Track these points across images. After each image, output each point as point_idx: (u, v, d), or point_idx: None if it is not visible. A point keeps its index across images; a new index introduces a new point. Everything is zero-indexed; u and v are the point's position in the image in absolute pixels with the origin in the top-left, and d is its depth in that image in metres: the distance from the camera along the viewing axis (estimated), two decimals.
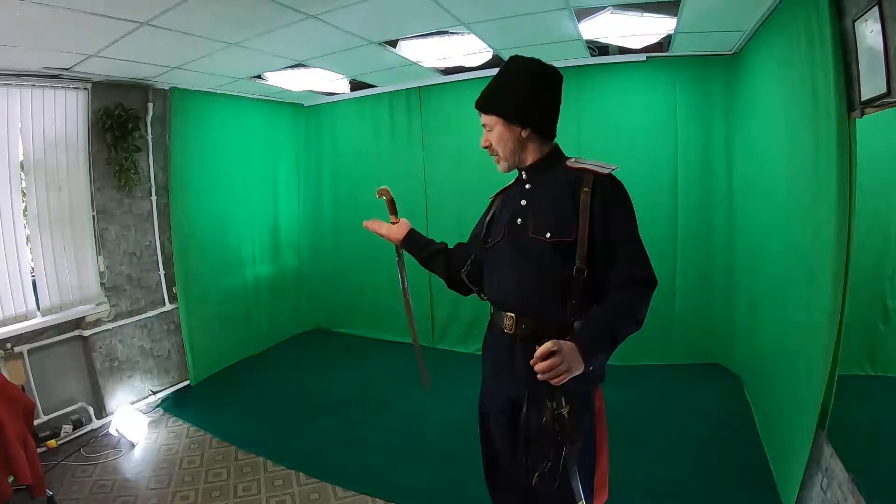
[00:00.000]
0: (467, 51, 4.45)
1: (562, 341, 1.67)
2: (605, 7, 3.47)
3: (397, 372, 5.37)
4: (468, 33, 3.92)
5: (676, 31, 3.94)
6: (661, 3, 3.47)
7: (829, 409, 2.51)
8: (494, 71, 2.03)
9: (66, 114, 4.27)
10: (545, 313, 1.86)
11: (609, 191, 1.84)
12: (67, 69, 4.01)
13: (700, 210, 4.89)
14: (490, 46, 4.28)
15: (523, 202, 1.99)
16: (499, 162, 2.02)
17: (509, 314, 1.94)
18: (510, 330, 1.94)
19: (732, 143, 4.68)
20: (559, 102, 1.97)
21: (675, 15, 3.60)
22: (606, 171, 1.85)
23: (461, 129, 5.52)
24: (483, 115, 1.98)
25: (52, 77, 4.11)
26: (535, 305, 1.88)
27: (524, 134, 1.93)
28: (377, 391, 4.94)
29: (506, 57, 2.00)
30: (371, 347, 6.21)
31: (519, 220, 1.97)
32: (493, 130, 1.96)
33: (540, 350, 1.64)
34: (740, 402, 4.24)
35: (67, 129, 4.28)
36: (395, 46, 4.23)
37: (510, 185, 2.19)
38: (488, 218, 2.19)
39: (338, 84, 5.61)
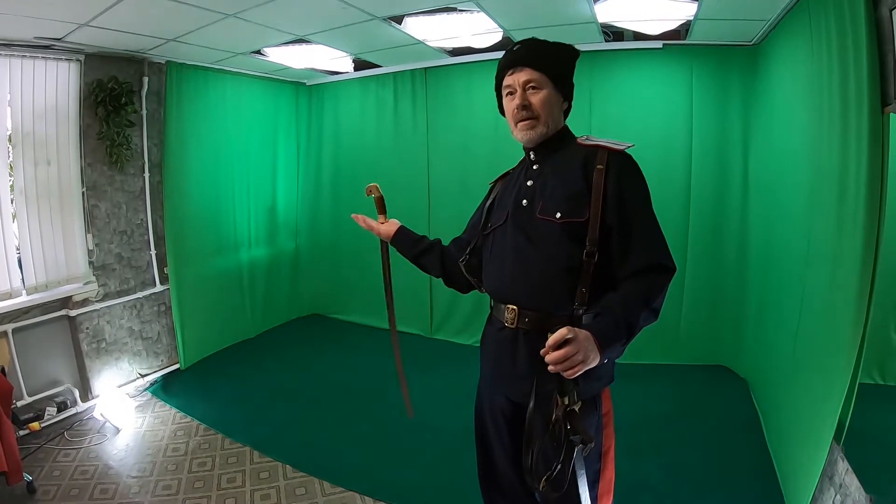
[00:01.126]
0: (476, 30, 4.27)
1: (576, 329, 1.51)
2: None
3: (393, 362, 5.20)
4: (477, 11, 3.74)
5: (696, 17, 3.77)
6: None
7: (846, 422, 2.37)
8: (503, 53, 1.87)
9: (58, 86, 4.12)
10: (551, 304, 1.71)
11: (624, 167, 1.71)
12: (59, 39, 3.86)
13: (713, 206, 4.73)
14: (500, 26, 4.10)
15: (530, 183, 1.85)
16: (533, 128, 1.79)
17: (511, 306, 1.79)
18: (511, 324, 1.79)
19: (749, 137, 4.51)
20: None
21: None
22: (621, 148, 1.72)
23: (468, 112, 5.39)
24: (531, 70, 1.76)
25: (43, 48, 3.95)
26: (540, 296, 1.73)
27: (564, 106, 1.83)
28: (372, 382, 4.80)
29: (516, 38, 1.85)
30: (367, 335, 6.08)
31: (525, 201, 1.82)
32: (539, 91, 1.76)
33: (553, 337, 1.47)
34: (747, 407, 4.10)
35: (58, 101, 4.13)
36: (400, 23, 4.06)
37: (512, 169, 2.05)
38: (488, 204, 2.04)
39: (341, 63, 5.45)
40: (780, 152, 3.71)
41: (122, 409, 4.15)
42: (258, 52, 4.83)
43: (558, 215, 1.71)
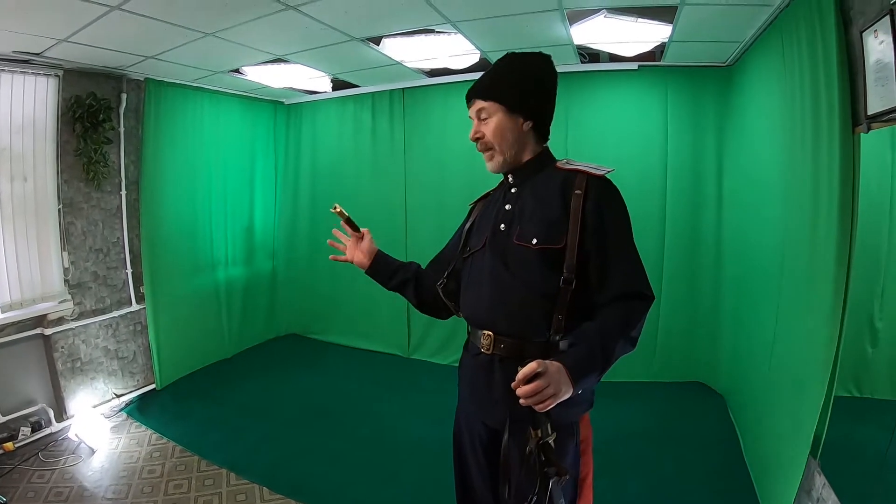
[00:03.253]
0: (454, 52, 4.32)
1: (547, 361, 1.47)
2: (598, 10, 3.36)
3: (370, 382, 5.23)
4: (455, 33, 3.79)
5: (671, 39, 3.85)
6: (657, 9, 3.38)
7: (822, 436, 2.40)
8: (481, 74, 1.86)
9: (36, 101, 4.07)
10: (527, 331, 1.68)
11: (603, 193, 1.68)
12: (38, 54, 3.83)
13: (688, 223, 4.80)
14: (477, 48, 4.15)
15: (508, 207, 1.81)
16: (492, 158, 1.80)
17: (486, 332, 1.75)
18: (487, 350, 1.75)
19: (724, 156, 4.60)
20: (555, 102, 1.83)
21: (671, 22, 3.50)
22: (601, 173, 1.70)
23: (445, 133, 5.42)
24: (479, 101, 1.78)
25: (22, 62, 3.91)
26: (516, 322, 1.70)
27: (525, 127, 1.76)
28: (349, 402, 4.78)
29: (493, 59, 1.85)
30: (344, 355, 6.05)
31: (503, 226, 1.79)
32: (490, 120, 1.76)
33: (523, 371, 1.44)
34: (724, 423, 4.14)
35: (36, 116, 4.08)
36: (378, 44, 4.09)
37: (492, 190, 2.01)
38: (467, 226, 2.00)
39: (319, 82, 5.47)
40: (754, 171, 3.78)
41: (98, 429, 4.09)
42: (237, 70, 4.84)
43: (534, 241, 1.68)
